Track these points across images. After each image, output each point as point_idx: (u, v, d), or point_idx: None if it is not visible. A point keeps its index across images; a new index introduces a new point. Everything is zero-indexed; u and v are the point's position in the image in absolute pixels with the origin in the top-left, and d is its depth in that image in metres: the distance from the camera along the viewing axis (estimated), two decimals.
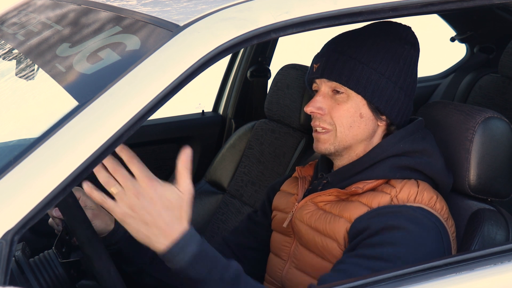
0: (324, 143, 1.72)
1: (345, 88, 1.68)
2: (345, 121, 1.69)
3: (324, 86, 1.72)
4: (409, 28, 1.76)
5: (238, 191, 2.73)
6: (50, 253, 1.60)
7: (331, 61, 1.70)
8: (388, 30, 1.74)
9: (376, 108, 1.69)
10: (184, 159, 1.38)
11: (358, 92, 1.68)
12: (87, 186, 1.35)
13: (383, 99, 1.69)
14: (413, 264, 1.45)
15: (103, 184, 1.36)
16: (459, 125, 1.74)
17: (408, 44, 1.73)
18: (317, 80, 1.73)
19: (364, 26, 1.78)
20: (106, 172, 1.36)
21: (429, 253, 1.55)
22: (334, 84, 1.69)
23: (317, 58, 1.75)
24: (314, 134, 1.74)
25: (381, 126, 1.73)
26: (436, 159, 1.69)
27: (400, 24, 1.77)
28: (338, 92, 1.69)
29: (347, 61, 1.68)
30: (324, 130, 1.71)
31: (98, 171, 1.35)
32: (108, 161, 1.36)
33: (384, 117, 1.71)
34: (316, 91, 1.75)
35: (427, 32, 7.44)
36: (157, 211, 1.36)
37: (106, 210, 1.74)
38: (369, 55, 1.68)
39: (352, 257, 1.55)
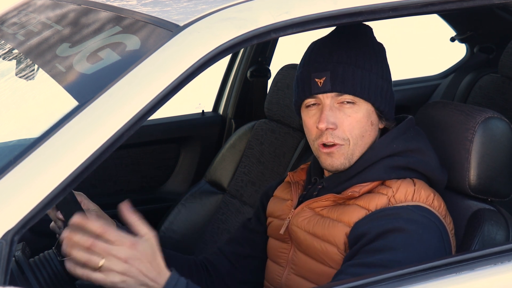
0: (339, 158, 1.66)
1: (358, 98, 1.65)
2: (358, 132, 1.66)
3: (330, 99, 1.65)
4: (368, 26, 1.76)
5: (238, 191, 2.73)
6: (50, 253, 1.60)
7: (339, 74, 1.64)
8: (361, 32, 1.73)
9: (381, 112, 1.69)
10: (126, 212, 1.40)
11: (369, 100, 1.66)
12: (69, 265, 1.36)
13: (386, 102, 1.69)
14: (413, 264, 1.45)
15: (86, 262, 1.34)
16: (459, 125, 1.74)
17: (377, 41, 1.74)
18: (320, 95, 1.66)
19: (336, 30, 1.74)
20: (83, 250, 1.35)
21: (430, 253, 1.55)
22: (346, 97, 1.64)
23: (317, 72, 1.66)
24: (324, 150, 1.66)
25: (381, 127, 1.73)
26: (429, 157, 1.69)
27: (361, 23, 1.74)
28: (348, 103, 1.65)
29: (354, 71, 1.64)
30: (336, 145, 1.65)
31: (75, 252, 1.35)
32: (83, 239, 1.35)
33: (383, 118, 1.71)
34: (313, 104, 1.68)
35: (427, 32, 7.44)
36: (146, 267, 1.36)
37: (107, 214, 1.76)
38: (368, 60, 1.67)
39: (353, 266, 1.54)
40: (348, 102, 1.65)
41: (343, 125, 1.65)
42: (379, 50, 1.72)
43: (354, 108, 1.65)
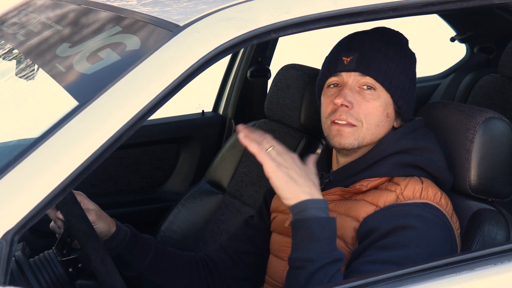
0: (349, 137, 1.67)
1: (379, 85, 1.67)
2: (374, 119, 1.67)
3: (352, 80, 1.67)
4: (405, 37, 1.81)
5: (238, 191, 2.73)
6: (50, 253, 1.60)
7: (367, 57, 1.67)
8: (395, 34, 1.77)
9: (399, 108, 1.70)
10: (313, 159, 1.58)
11: (389, 90, 1.67)
12: (242, 132, 1.51)
13: (405, 99, 1.70)
14: (413, 264, 1.45)
15: (258, 140, 1.50)
16: (460, 125, 1.74)
17: (411, 50, 1.77)
18: (344, 74, 1.68)
19: (375, 29, 1.78)
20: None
21: (439, 250, 1.56)
22: (368, 80, 1.66)
23: (346, 52, 1.69)
24: (335, 127, 1.67)
25: (396, 125, 1.73)
26: (437, 156, 1.70)
27: (399, 33, 1.79)
28: (369, 88, 1.67)
29: (382, 59, 1.67)
30: (348, 124, 1.66)
31: (251, 133, 1.51)
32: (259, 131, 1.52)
33: (400, 117, 1.72)
34: (334, 85, 1.70)
35: (427, 32, 7.44)
36: (305, 175, 1.51)
37: (107, 214, 1.76)
38: (398, 56, 1.70)
39: (366, 264, 1.54)
40: (368, 88, 1.67)
41: (359, 107, 1.66)
42: (411, 56, 1.75)
43: (374, 95, 1.67)
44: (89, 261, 1.53)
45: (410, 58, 1.75)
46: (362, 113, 1.66)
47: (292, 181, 1.49)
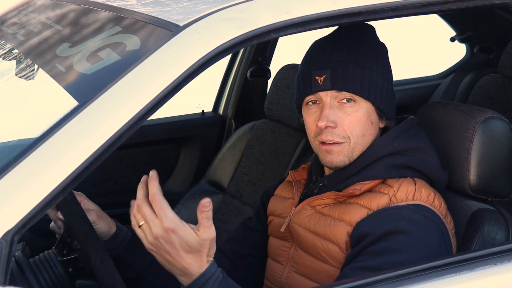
0: (339, 155, 1.67)
1: (358, 97, 1.65)
2: (359, 131, 1.66)
3: (330, 97, 1.66)
4: (371, 26, 1.77)
5: (238, 191, 2.73)
6: (50, 253, 1.60)
7: (340, 72, 1.65)
8: (363, 32, 1.73)
9: (381, 111, 1.69)
10: (206, 210, 1.38)
11: (369, 99, 1.66)
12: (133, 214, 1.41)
13: (387, 101, 1.69)
14: (413, 264, 1.45)
15: (133, 216, 1.41)
16: (459, 125, 1.74)
17: (380, 41, 1.75)
18: (320, 93, 1.67)
19: (338, 30, 1.75)
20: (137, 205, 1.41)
21: (432, 254, 1.55)
22: (346, 95, 1.65)
23: (317, 71, 1.67)
24: (323, 147, 1.67)
25: (381, 126, 1.73)
26: (430, 156, 1.70)
27: (364, 23, 1.74)
28: (348, 101, 1.65)
29: (355, 69, 1.65)
30: (336, 143, 1.66)
31: (133, 204, 1.41)
32: (138, 196, 1.40)
33: (384, 117, 1.72)
34: (313, 102, 1.69)
35: (427, 32, 7.44)
36: (177, 254, 1.38)
37: (107, 214, 1.76)
38: (369, 60, 1.68)
39: (356, 270, 1.54)
40: (348, 101, 1.66)
41: (343, 124, 1.66)
42: (381, 50, 1.73)
43: (354, 107, 1.66)
44: (89, 261, 1.54)
45: (381, 53, 1.72)
46: (346, 129, 1.65)
47: (167, 263, 1.41)
